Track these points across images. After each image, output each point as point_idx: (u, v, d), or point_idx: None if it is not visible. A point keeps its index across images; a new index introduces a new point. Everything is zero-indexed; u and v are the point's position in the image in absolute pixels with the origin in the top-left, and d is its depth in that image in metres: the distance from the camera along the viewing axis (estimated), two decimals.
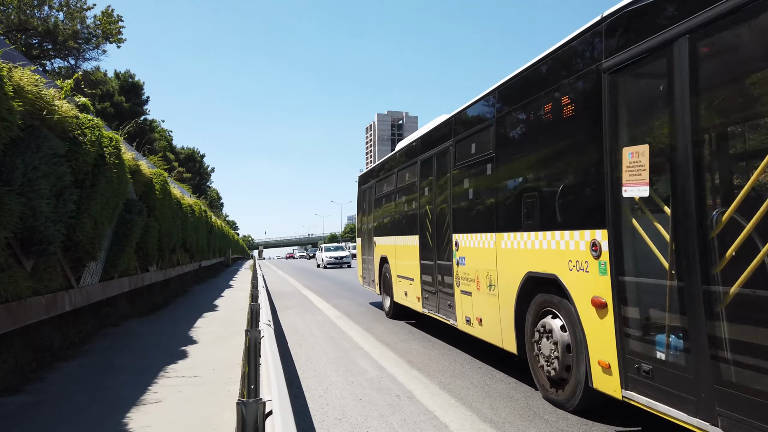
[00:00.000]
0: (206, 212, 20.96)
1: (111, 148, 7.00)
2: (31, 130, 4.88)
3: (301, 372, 5.71)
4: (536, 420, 4.03)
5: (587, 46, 3.95)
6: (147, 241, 9.61)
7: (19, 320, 4.89)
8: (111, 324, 8.21)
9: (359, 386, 5.10)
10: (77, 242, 6.19)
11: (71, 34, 23.59)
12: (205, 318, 9.22)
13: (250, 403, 2.11)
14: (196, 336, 7.37)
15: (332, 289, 16.43)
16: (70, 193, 5.63)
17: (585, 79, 3.91)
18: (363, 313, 10.52)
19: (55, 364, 5.65)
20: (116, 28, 25.08)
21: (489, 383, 5.07)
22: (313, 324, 9.20)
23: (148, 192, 9.99)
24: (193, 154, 56.36)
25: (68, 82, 6.52)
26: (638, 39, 3.34)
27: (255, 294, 8.01)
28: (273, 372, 2.62)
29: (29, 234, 4.87)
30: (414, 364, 5.92)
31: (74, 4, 23.84)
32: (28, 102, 4.85)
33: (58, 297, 5.84)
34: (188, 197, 17.81)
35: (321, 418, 4.17)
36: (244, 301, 11.37)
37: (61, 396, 4.51)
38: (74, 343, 6.58)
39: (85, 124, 6.23)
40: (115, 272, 8.09)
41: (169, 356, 5.96)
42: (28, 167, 4.67)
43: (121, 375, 5.23)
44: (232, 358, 5.87)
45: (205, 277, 20.75)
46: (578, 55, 4.08)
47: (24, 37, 23.09)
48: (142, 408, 4.12)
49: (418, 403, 4.50)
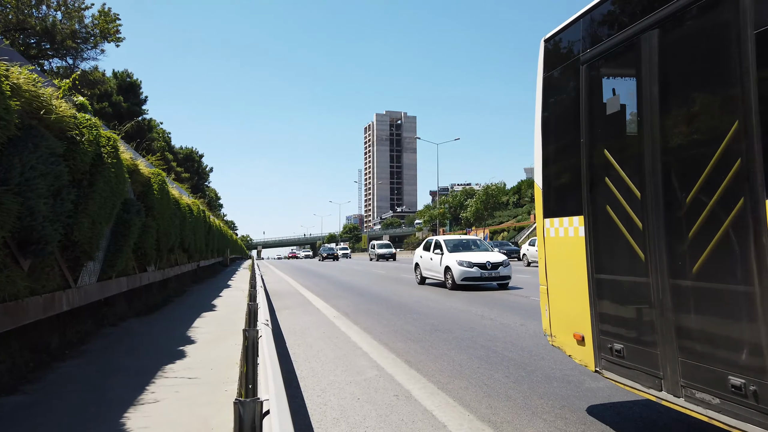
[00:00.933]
0: (204, 212, 20.94)
1: (109, 147, 6.98)
2: (29, 129, 4.87)
3: (299, 372, 5.71)
4: (534, 420, 4.03)
5: None
6: (145, 241, 9.59)
7: (17, 320, 4.87)
8: (109, 324, 8.20)
9: (357, 386, 5.09)
10: (75, 242, 6.18)
11: (69, 33, 23.54)
12: (204, 318, 9.21)
13: (247, 403, 2.10)
14: (194, 336, 7.36)
15: (330, 290, 16.43)
16: (67, 193, 5.62)
17: None
18: (361, 313, 10.52)
19: (52, 364, 5.63)
20: (114, 27, 25.03)
21: (487, 383, 5.07)
22: (312, 324, 9.19)
23: (147, 192, 9.97)
24: (191, 154, 56.28)
25: (66, 82, 6.51)
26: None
27: (253, 294, 8.00)
28: (271, 371, 2.62)
29: (27, 234, 4.86)
30: (412, 364, 5.92)
31: (72, 4, 23.79)
32: (25, 101, 4.84)
33: (55, 297, 5.83)
34: (186, 197, 17.79)
35: (319, 418, 4.16)
36: (242, 301, 11.35)
37: (58, 396, 4.50)
38: (72, 343, 6.56)
39: (82, 123, 6.21)
40: (113, 272, 8.08)
41: (167, 356, 5.95)
42: (26, 167, 4.66)
43: (119, 375, 5.22)
44: (230, 358, 5.86)
45: (203, 277, 20.72)
46: None
47: (22, 36, 23.04)
48: (140, 408, 4.11)
49: (416, 403, 4.50)
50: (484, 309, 10.37)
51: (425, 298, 12.78)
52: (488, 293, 13.59)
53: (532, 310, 10.12)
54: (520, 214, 77.34)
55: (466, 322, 8.83)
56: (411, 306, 11.33)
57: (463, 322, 8.75)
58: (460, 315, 9.68)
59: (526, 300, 11.84)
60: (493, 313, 9.71)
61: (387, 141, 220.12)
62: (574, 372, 5.34)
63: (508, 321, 8.77)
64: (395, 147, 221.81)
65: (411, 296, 13.43)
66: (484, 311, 10.06)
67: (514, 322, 8.67)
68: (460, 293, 13.79)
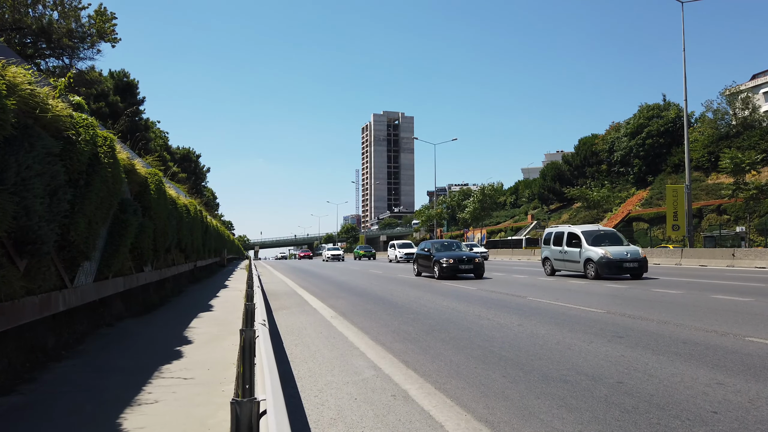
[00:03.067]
0: (201, 212, 20.90)
1: (106, 147, 6.96)
2: (25, 128, 4.85)
3: (297, 372, 5.70)
4: (532, 419, 4.04)
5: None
6: (142, 241, 9.57)
7: (12, 320, 4.85)
8: (105, 324, 8.17)
9: (355, 386, 5.09)
10: (71, 242, 6.16)
11: (66, 32, 23.46)
12: (201, 318, 9.19)
13: (244, 403, 2.09)
14: (191, 336, 7.35)
15: (328, 290, 16.43)
16: (64, 193, 5.60)
17: None
18: (358, 313, 10.51)
19: (48, 364, 5.61)
20: (110, 26, 24.96)
21: (485, 383, 5.07)
22: (309, 324, 9.18)
23: (143, 192, 9.94)
24: (188, 154, 56.19)
25: (62, 81, 6.49)
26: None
27: (250, 294, 7.99)
28: (268, 372, 2.61)
29: (23, 233, 4.84)
30: (410, 365, 5.92)
31: (68, 3, 23.72)
32: (21, 100, 4.82)
33: (51, 297, 5.80)
34: (184, 197, 17.75)
35: (316, 418, 4.16)
36: (239, 301, 11.33)
37: (54, 396, 4.48)
38: (68, 344, 6.54)
39: (79, 123, 6.19)
40: (109, 272, 8.05)
41: (163, 356, 5.94)
42: (22, 166, 4.64)
43: (116, 375, 5.20)
44: (227, 358, 5.85)
45: (200, 277, 20.68)
46: None
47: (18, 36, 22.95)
48: (137, 408, 4.10)
49: (413, 403, 4.50)
50: (481, 309, 10.38)
51: (422, 299, 12.78)
52: (487, 294, 13.61)
53: (529, 310, 10.14)
54: (517, 214, 77.49)
55: (463, 322, 8.84)
56: (408, 306, 11.33)
57: (461, 323, 8.76)
58: (457, 315, 9.69)
59: (524, 300, 11.85)
60: (490, 314, 9.71)
61: (384, 141, 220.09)
62: (571, 372, 5.35)
63: (506, 321, 8.78)
64: (393, 147, 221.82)
65: (408, 296, 13.44)
66: (481, 311, 10.06)
67: (512, 322, 8.68)
68: (459, 293, 13.81)
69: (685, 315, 8.92)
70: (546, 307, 10.47)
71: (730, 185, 37.32)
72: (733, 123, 51.03)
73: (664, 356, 5.95)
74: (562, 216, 62.62)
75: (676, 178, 50.28)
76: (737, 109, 50.95)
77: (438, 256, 19.83)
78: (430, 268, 20.47)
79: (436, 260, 19.71)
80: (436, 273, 19.69)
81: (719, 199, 43.61)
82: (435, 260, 19.83)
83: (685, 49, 30.91)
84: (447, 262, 19.26)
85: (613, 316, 9.11)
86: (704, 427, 3.76)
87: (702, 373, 5.18)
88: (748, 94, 52.16)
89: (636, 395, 4.52)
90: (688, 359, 5.79)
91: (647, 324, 8.15)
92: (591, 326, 8.06)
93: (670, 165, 54.83)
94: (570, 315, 9.33)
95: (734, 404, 4.24)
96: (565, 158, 73.52)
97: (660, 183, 53.10)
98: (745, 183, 35.69)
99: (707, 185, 48.07)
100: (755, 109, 50.87)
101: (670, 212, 34.59)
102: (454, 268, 19.20)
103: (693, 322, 8.13)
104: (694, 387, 4.74)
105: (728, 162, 35.92)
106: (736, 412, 4.05)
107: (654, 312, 9.36)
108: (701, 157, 50.05)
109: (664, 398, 4.43)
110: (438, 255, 19.99)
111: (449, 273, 19.23)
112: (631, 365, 5.56)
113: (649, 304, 10.64)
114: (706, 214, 44.65)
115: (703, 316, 8.78)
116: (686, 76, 30.91)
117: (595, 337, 7.14)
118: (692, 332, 7.37)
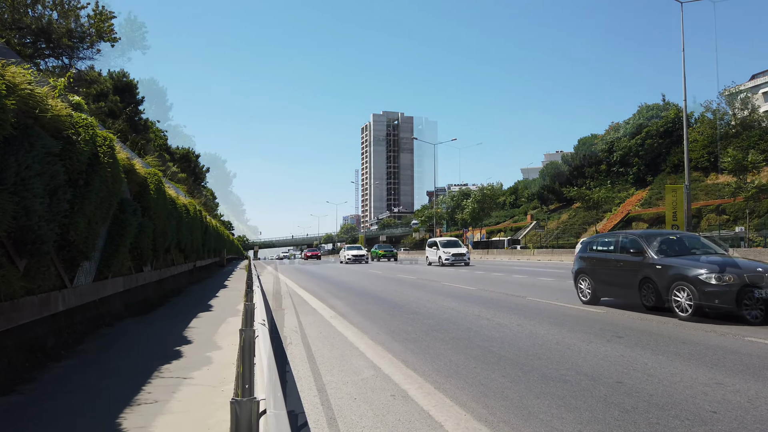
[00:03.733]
0: (201, 212, 20.89)
1: (105, 147, 6.96)
2: (25, 128, 4.85)
3: (296, 372, 5.70)
4: (531, 419, 4.04)
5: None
6: (141, 241, 9.57)
7: (12, 320, 4.85)
8: (105, 324, 8.17)
9: (354, 386, 5.09)
10: (71, 242, 6.16)
11: (65, 32, 23.44)
12: (200, 318, 9.19)
13: (244, 402, 2.10)
14: (191, 336, 7.35)
15: (328, 290, 16.42)
16: (63, 193, 5.60)
17: None
18: (358, 313, 10.51)
19: (48, 364, 5.61)
20: (109, 26, 24.93)
21: (484, 383, 5.07)
22: (308, 324, 9.18)
23: (143, 191, 9.94)
24: (188, 154, 56.16)
25: (62, 81, 6.49)
26: None
27: (250, 294, 7.99)
28: (267, 371, 2.61)
29: (22, 233, 4.84)
30: (409, 364, 5.92)
31: (68, 3, 23.69)
32: (21, 100, 4.82)
33: (51, 297, 5.81)
34: (183, 197, 17.75)
35: (315, 418, 4.16)
36: (238, 301, 11.33)
37: (54, 396, 4.48)
38: (68, 343, 6.54)
39: (78, 123, 6.19)
40: (109, 272, 8.05)
41: (163, 356, 5.94)
42: (22, 166, 4.64)
43: (115, 375, 5.20)
44: (226, 358, 5.85)
45: (199, 277, 20.68)
46: None
47: (18, 36, 22.93)
48: (137, 408, 4.10)
49: (412, 403, 4.50)
50: (481, 309, 10.38)
51: (422, 299, 12.78)
52: (486, 294, 13.62)
53: (528, 310, 10.14)
54: (516, 214, 77.46)
55: (462, 322, 8.84)
56: (408, 306, 11.33)
57: (460, 322, 8.76)
58: (457, 315, 9.69)
59: (523, 300, 11.86)
60: (489, 313, 9.72)
61: (384, 141, 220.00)
62: (570, 372, 5.35)
63: (505, 321, 8.78)
64: (392, 147, 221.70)
65: (408, 296, 13.43)
66: (481, 311, 10.07)
67: (511, 322, 8.68)
68: (457, 293, 13.82)
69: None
70: (545, 307, 10.48)
71: (731, 184, 37.34)
72: (733, 123, 51.06)
73: (663, 356, 5.96)
74: (562, 216, 62.64)
75: (675, 178, 50.27)
76: (736, 110, 50.97)
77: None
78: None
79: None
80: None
81: (719, 199, 43.63)
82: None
83: (685, 49, 30.89)
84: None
85: (613, 316, 9.12)
86: (703, 427, 3.76)
87: (701, 373, 5.19)
88: (747, 94, 52.18)
89: (636, 395, 4.53)
90: (688, 359, 5.80)
91: (647, 324, 8.16)
92: (591, 326, 8.07)
93: (669, 165, 54.84)
94: (570, 315, 9.35)
95: (733, 404, 4.25)
96: (564, 158, 73.54)
97: (659, 183, 53.11)
98: (746, 183, 35.70)
99: (706, 185, 48.09)
100: (754, 109, 50.90)
101: (670, 212, 34.58)
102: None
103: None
104: (694, 387, 4.75)
105: (730, 161, 35.93)
106: (736, 412, 4.05)
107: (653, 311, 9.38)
108: (700, 157, 50.06)
109: (663, 398, 4.43)
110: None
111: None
112: (631, 365, 5.57)
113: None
114: (706, 214, 44.66)
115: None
116: (686, 76, 30.91)
117: (595, 338, 7.15)
118: (691, 331, 7.37)
